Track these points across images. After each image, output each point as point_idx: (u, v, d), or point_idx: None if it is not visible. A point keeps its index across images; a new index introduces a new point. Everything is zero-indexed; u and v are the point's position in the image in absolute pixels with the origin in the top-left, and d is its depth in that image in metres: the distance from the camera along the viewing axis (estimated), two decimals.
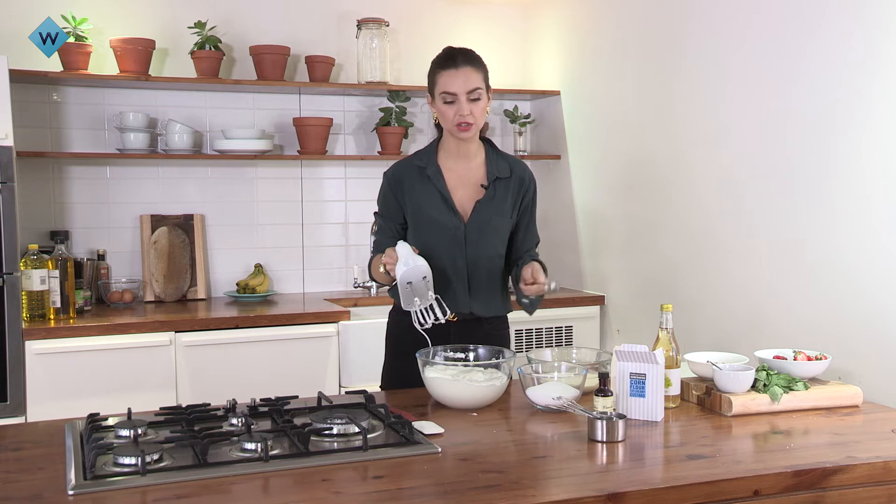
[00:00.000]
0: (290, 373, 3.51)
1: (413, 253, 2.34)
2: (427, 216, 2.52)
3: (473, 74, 2.44)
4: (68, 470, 1.72)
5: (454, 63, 2.44)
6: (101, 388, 3.27)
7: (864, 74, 2.66)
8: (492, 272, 2.56)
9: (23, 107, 3.69)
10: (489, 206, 2.52)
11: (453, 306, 2.51)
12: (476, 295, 2.54)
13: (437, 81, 2.46)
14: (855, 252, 2.70)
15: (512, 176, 2.56)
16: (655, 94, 3.63)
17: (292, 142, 4.14)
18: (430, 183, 2.53)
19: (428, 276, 2.32)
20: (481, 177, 2.55)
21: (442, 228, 2.51)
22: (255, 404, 2.15)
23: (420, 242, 2.51)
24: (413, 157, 2.61)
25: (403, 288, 2.32)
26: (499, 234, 2.54)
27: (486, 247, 2.52)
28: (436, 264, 2.46)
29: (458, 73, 2.43)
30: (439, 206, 2.52)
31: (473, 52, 2.51)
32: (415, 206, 2.54)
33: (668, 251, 3.58)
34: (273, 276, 4.17)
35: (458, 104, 2.42)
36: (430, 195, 2.52)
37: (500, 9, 4.54)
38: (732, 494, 1.69)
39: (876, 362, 2.61)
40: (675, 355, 2.22)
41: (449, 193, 2.52)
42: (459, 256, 2.51)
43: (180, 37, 3.94)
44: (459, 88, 2.42)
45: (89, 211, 3.87)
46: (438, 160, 2.56)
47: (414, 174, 2.56)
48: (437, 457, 1.81)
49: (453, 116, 2.44)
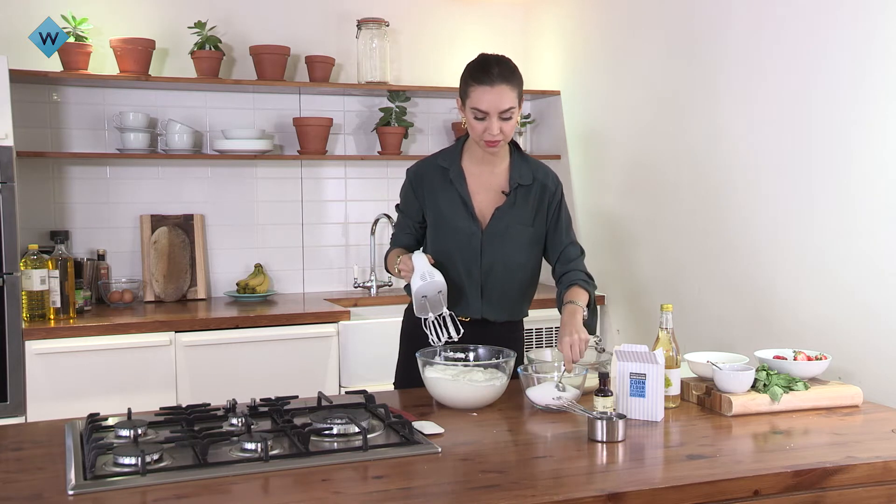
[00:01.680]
0: (290, 373, 3.51)
1: (430, 266, 2.33)
2: (445, 219, 2.50)
3: (508, 93, 2.34)
4: (68, 470, 1.72)
5: (489, 79, 2.33)
6: (101, 388, 3.27)
7: (866, 77, 2.65)
8: (508, 280, 2.51)
9: (23, 107, 3.69)
10: (509, 214, 2.48)
11: (465, 311, 2.50)
12: (489, 301, 2.51)
13: (469, 94, 2.37)
14: (855, 252, 2.70)
15: (534, 183, 2.51)
16: (656, 94, 3.63)
17: (292, 142, 4.14)
18: (452, 186, 2.50)
19: (443, 291, 2.32)
20: (503, 182, 2.51)
21: (459, 233, 2.48)
22: (255, 404, 2.15)
23: (437, 244, 2.51)
24: (437, 157, 2.58)
25: (418, 300, 2.32)
26: (517, 242, 2.49)
27: (503, 254, 2.48)
28: (451, 268, 2.46)
29: (492, 90, 2.32)
30: (459, 210, 2.49)
31: (510, 63, 2.39)
32: (434, 208, 2.52)
33: (669, 251, 3.58)
34: (273, 276, 4.17)
35: (489, 122, 2.35)
36: (450, 198, 2.50)
37: (500, 9, 4.54)
38: (732, 494, 1.69)
39: (876, 362, 2.61)
40: (675, 355, 2.22)
41: (470, 198, 2.49)
42: (475, 262, 2.48)
43: (180, 37, 3.94)
44: (492, 108, 2.33)
45: (89, 211, 3.87)
46: (462, 162, 2.52)
47: (436, 174, 2.53)
48: (437, 457, 1.81)
49: (482, 132, 2.37)
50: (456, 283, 2.47)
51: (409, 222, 2.58)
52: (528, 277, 2.56)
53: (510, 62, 2.40)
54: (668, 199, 3.57)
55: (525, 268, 2.54)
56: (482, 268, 2.49)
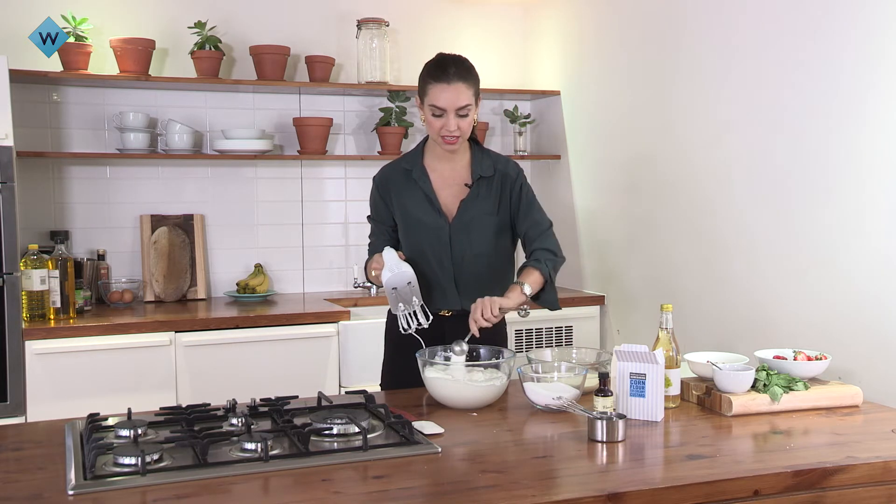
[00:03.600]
0: (290, 373, 3.51)
1: (398, 259, 2.43)
2: (413, 217, 2.57)
3: (464, 91, 2.42)
4: (68, 470, 1.72)
5: (446, 77, 2.41)
6: (101, 388, 3.27)
7: (866, 75, 2.66)
8: (481, 269, 2.57)
9: (23, 107, 3.69)
10: (473, 205, 2.55)
11: (444, 304, 2.58)
12: (465, 292, 2.56)
13: (427, 91, 2.45)
14: (855, 252, 2.70)
15: (495, 174, 2.57)
16: (656, 94, 3.63)
17: (292, 142, 4.14)
18: (416, 185, 2.57)
19: (413, 282, 2.40)
20: (466, 176, 2.58)
21: (427, 229, 2.55)
22: (255, 404, 2.15)
23: (408, 243, 2.59)
24: (400, 160, 2.66)
25: (389, 293, 2.42)
26: (484, 231, 2.55)
27: (472, 245, 2.55)
28: (424, 264, 2.55)
29: (448, 87, 2.41)
30: (424, 207, 2.56)
31: (466, 62, 2.48)
32: (402, 208, 2.59)
33: (668, 251, 3.58)
34: (273, 276, 4.17)
35: (446, 119, 2.43)
36: (415, 197, 2.57)
37: (500, 9, 4.54)
38: (732, 494, 1.69)
39: (876, 362, 2.61)
40: (675, 355, 2.22)
41: (434, 194, 2.56)
42: (445, 255, 2.55)
43: (180, 37, 3.94)
44: (449, 104, 2.41)
45: (89, 211, 3.87)
46: (424, 161, 2.60)
47: (400, 177, 2.61)
48: (437, 457, 1.81)
49: (440, 129, 2.45)
50: (430, 277, 2.55)
51: (383, 227, 2.65)
52: (499, 265, 2.62)
53: (467, 61, 2.49)
54: (667, 199, 3.57)
55: (494, 255, 2.59)
56: (453, 259, 2.55)
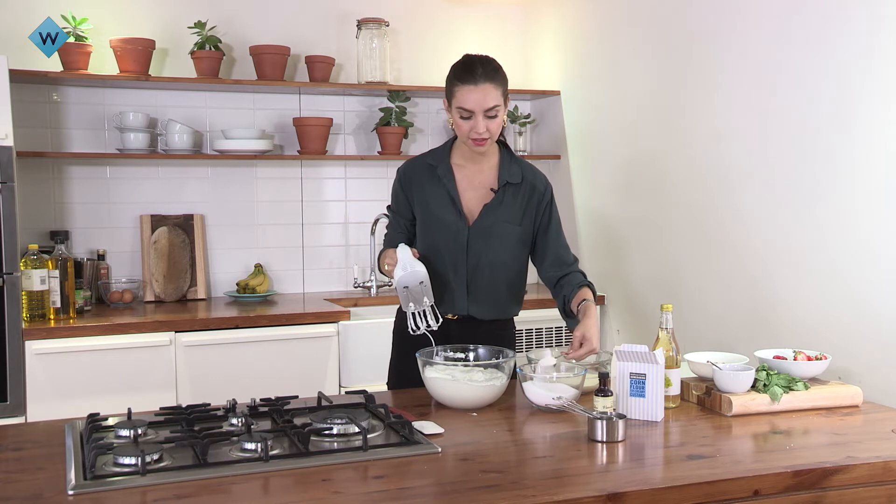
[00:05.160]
0: (290, 373, 3.51)
1: (412, 257, 2.36)
2: (433, 215, 2.52)
3: (492, 92, 2.36)
4: (68, 470, 1.72)
5: (473, 78, 2.36)
6: (101, 388, 3.27)
7: (865, 76, 2.66)
8: (495, 278, 2.52)
9: (23, 107, 3.69)
10: (496, 211, 2.49)
11: (452, 307, 2.52)
12: (475, 298, 2.52)
13: (454, 93, 2.40)
14: (855, 252, 2.70)
15: (523, 182, 2.52)
16: (656, 94, 3.63)
17: (292, 142, 4.14)
18: (440, 182, 2.51)
19: (425, 282, 2.34)
20: (492, 180, 2.52)
21: (446, 228, 2.50)
22: (255, 404, 2.15)
23: (425, 240, 2.53)
24: (426, 156, 2.60)
25: (400, 291, 2.36)
26: (504, 240, 2.50)
27: (489, 252, 2.49)
28: (437, 264, 2.49)
29: (476, 89, 2.35)
30: (446, 207, 2.50)
31: (493, 62, 2.43)
32: (423, 205, 2.53)
33: (668, 251, 3.58)
34: (273, 276, 4.17)
35: (475, 121, 2.37)
36: (438, 194, 2.52)
37: (500, 9, 4.54)
38: (732, 494, 1.69)
39: (876, 362, 2.61)
40: (675, 355, 2.22)
41: (458, 194, 2.50)
42: (461, 259, 2.50)
43: (180, 37, 3.93)
44: (476, 106, 2.36)
45: (89, 211, 3.87)
46: (451, 160, 2.54)
47: (425, 172, 2.55)
48: (437, 457, 1.81)
49: (468, 131, 2.39)
50: (442, 279, 2.49)
51: (401, 221, 2.59)
52: (514, 276, 2.57)
53: (494, 62, 2.43)
54: (667, 199, 3.57)
55: (511, 266, 2.54)
56: (468, 264, 2.50)
